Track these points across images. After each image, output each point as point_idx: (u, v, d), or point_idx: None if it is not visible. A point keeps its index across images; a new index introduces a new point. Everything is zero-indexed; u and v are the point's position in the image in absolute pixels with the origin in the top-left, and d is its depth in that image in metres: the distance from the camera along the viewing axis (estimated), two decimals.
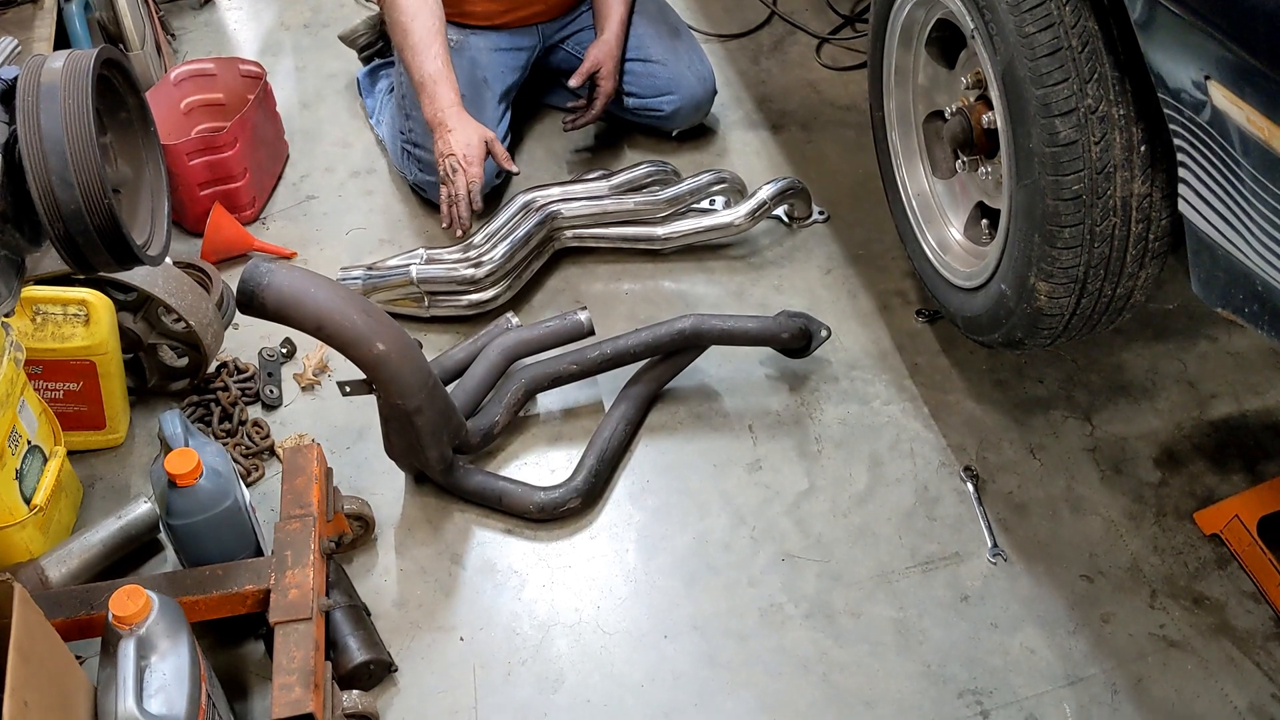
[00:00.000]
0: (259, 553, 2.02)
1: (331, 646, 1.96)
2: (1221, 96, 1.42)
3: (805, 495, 2.25)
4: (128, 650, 1.64)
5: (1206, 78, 1.43)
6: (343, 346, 1.96)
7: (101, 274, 2.08)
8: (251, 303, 1.92)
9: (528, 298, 2.66)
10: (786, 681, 1.99)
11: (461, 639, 2.07)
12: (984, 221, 2.19)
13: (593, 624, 2.08)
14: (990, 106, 1.97)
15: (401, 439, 2.14)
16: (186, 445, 1.91)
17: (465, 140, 2.57)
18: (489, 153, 2.61)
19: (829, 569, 2.14)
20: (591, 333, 2.36)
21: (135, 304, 2.36)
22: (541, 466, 2.34)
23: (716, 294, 2.65)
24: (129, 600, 1.68)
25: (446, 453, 2.18)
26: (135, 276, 2.28)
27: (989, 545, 2.15)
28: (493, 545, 2.20)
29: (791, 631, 2.05)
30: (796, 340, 2.37)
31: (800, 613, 2.08)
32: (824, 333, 2.39)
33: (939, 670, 1.99)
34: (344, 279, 2.58)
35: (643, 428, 2.38)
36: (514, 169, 2.70)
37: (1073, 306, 1.85)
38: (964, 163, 2.16)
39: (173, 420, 1.94)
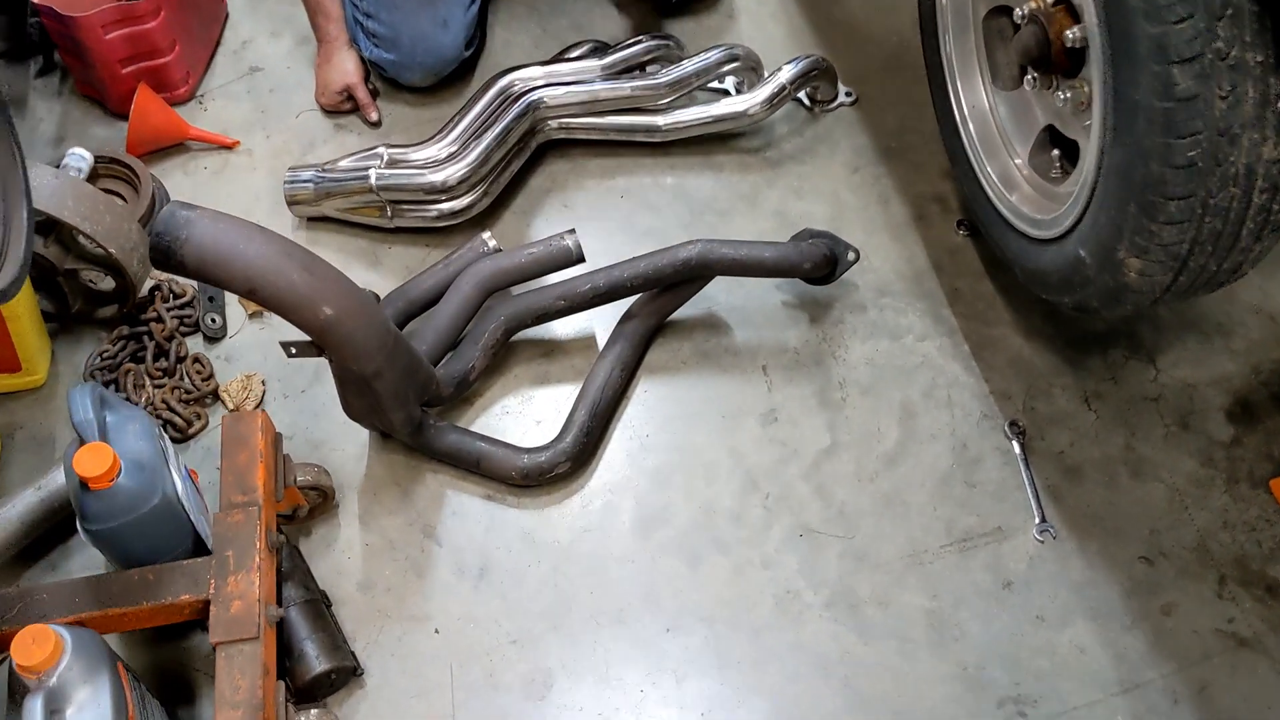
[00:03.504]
0: (199, 544, 1.74)
1: (286, 654, 1.71)
2: None
3: (827, 454, 1.97)
4: (35, 707, 1.40)
5: None
6: (282, 311, 1.63)
7: None
8: (169, 260, 1.57)
9: (507, 201, 2.30)
10: (804, 685, 1.76)
11: (436, 631, 1.83)
12: (1055, 152, 1.81)
13: (585, 614, 1.83)
14: (1076, 18, 1.58)
15: (361, 400, 1.84)
16: (101, 434, 1.60)
17: (324, 84, 2.45)
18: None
19: (853, 547, 1.88)
20: (581, 259, 2.01)
21: (44, 225, 2.00)
22: (525, 415, 2.04)
23: (726, 198, 2.29)
24: (35, 646, 1.42)
25: (414, 412, 1.88)
26: (40, 199, 1.92)
27: (1036, 519, 1.89)
28: (470, 516, 1.93)
29: (810, 624, 1.81)
30: (819, 269, 2.04)
31: (820, 601, 1.83)
32: (851, 256, 2.06)
33: (977, 673, 1.76)
34: (292, 181, 2.22)
35: (641, 367, 2.07)
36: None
37: (1168, 284, 1.52)
38: (1034, 79, 1.77)
39: (82, 402, 1.63)
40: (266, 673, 1.58)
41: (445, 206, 2.18)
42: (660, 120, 2.30)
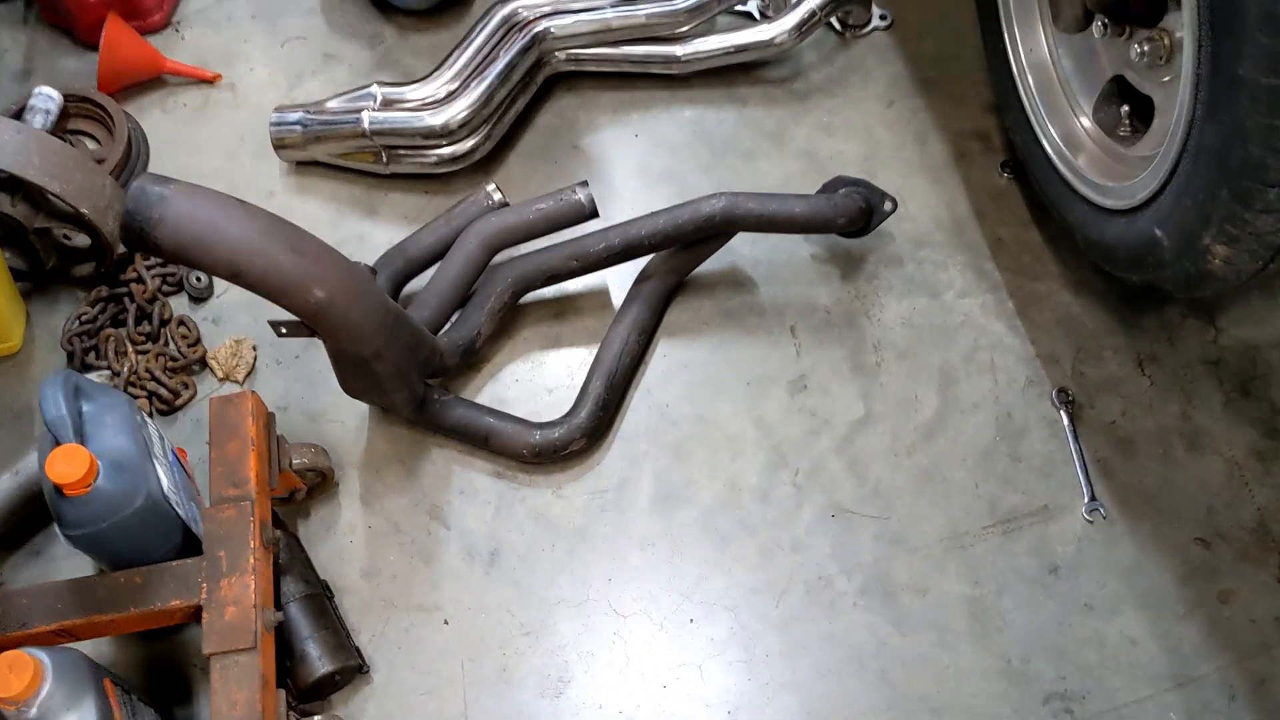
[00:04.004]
0: (190, 537, 1.61)
1: (287, 654, 1.61)
2: None
3: (860, 425, 1.84)
4: None
5: None
6: (270, 296, 1.49)
7: None
8: (142, 243, 1.43)
9: (512, 142, 2.12)
10: (836, 681, 1.66)
11: (446, 622, 1.72)
12: (1125, 108, 1.63)
13: (603, 603, 1.72)
14: None
15: (360, 380, 1.70)
16: (77, 432, 1.47)
17: None
18: None
19: (889, 528, 1.76)
20: (594, 215, 1.85)
21: (10, 182, 1.84)
22: (536, 383, 1.90)
23: (750, 136, 2.11)
24: (12, 675, 1.32)
25: (417, 389, 1.75)
26: (3, 156, 1.76)
27: (1085, 497, 1.77)
28: (479, 495, 1.81)
29: (843, 614, 1.70)
30: (854, 224, 1.87)
31: (854, 588, 1.72)
32: (888, 206, 1.89)
33: (1021, 667, 1.65)
34: (279, 124, 2.03)
35: (660, 328, 1.93)
36: None
37: (1255, 271, 1.36)
38: (1103, 25, 1.57)
39: (54, 397, 1.48)
40: (265, 684, 1.47)
41: (445, 151, 2.01)
42: (678, 50, 2.10)
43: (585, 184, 1.85)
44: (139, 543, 1.54)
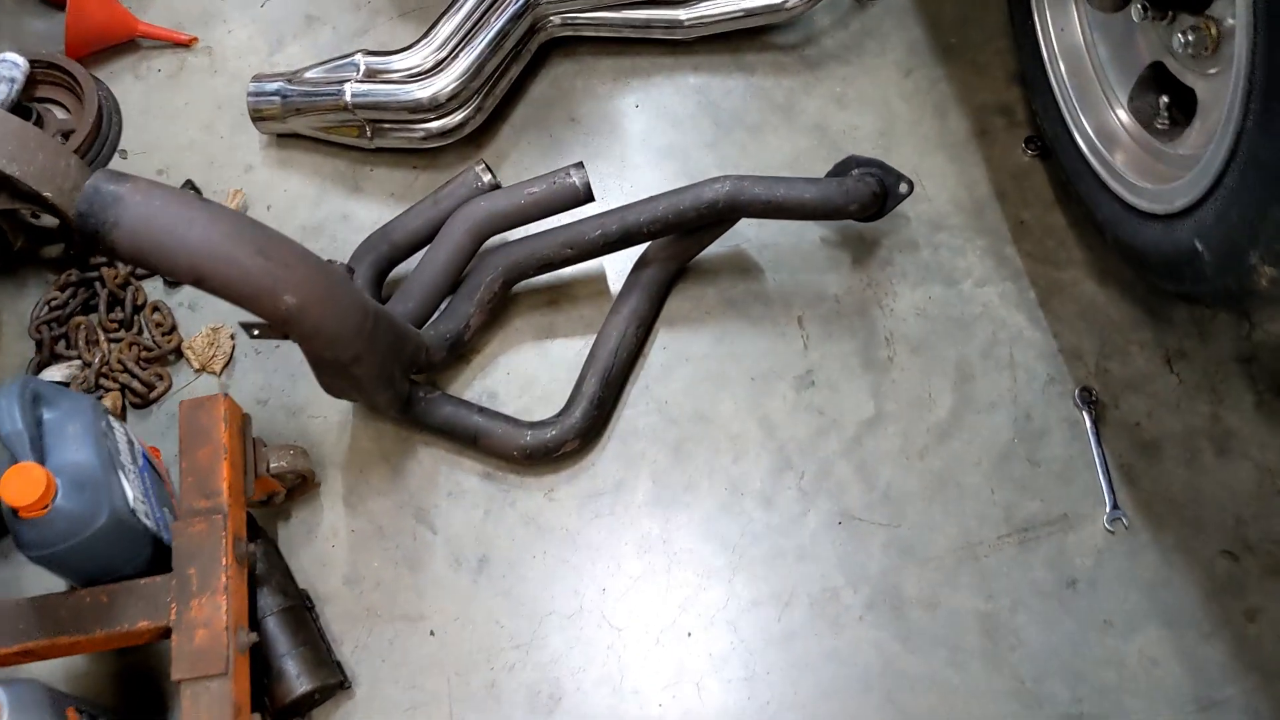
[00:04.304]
0: (160, 549, 1.52)
1: (265, 671, 1.53)
2: None
3: (870, 426, 1.74)
4: None
5: None
6: (237, 302, 1.39)
7: None
8: (98, 246, 1.33)
9: (505, 113, 2.00)
10: (841, 701, 1.58)
11: (432, 633, 1.64)
12: (1163, 99, 1.49)
13: (597, 614, 1.64)
14: None
15: (340, 381, 1.60)
16: (34, 447, 1.38)
17: None
18: None
19: (899, 537, 1.67)
20: (589, 199, 1.74)
21: None
22: (528, 376, 1.80)
23: (758, 108, 1.98)
24: None
25: (401, 388, 1.65)
26: None
27: (1107, 505, 1.67)
28: (468, 498, 1.72)
29: (849, 629, 1.62)
30: (867, 209, 1.76)
31: (860, 601, 1.63)
32: (903, 188, 1.77)
33: (1035, 688, 1.57)
34: (257, 94, 1.92)
35: (659, 319, 1.82)
36: None
37: None
38: (1143, 7, 1.44)
39: (9, 409, 1.39)
40: (239, 711, 1.40)
41: (434, 126, 1.89)
42: (682, 14, 1.97)
43: (580, 165, 1.73)
44: (104, 561, 1.46)
